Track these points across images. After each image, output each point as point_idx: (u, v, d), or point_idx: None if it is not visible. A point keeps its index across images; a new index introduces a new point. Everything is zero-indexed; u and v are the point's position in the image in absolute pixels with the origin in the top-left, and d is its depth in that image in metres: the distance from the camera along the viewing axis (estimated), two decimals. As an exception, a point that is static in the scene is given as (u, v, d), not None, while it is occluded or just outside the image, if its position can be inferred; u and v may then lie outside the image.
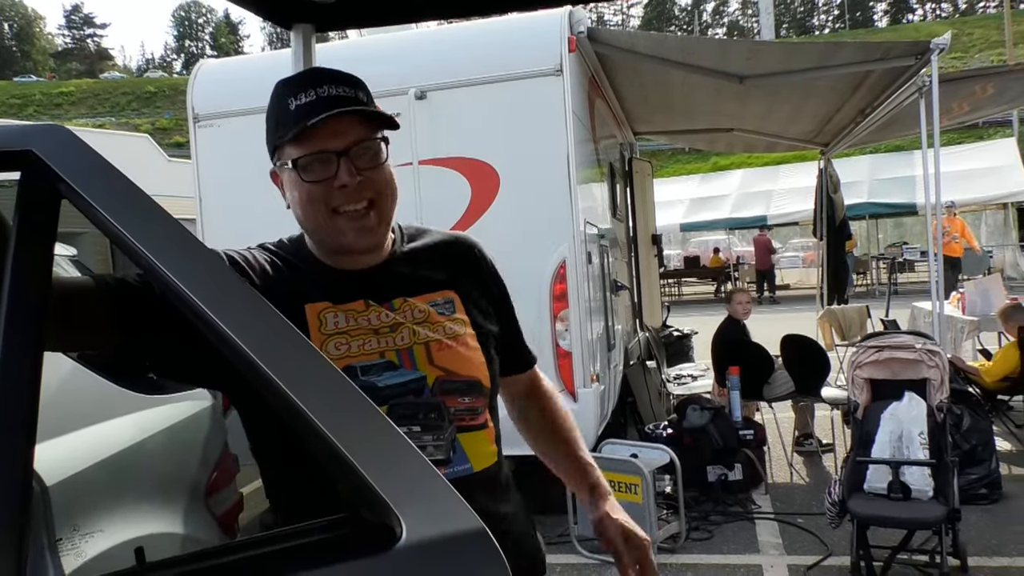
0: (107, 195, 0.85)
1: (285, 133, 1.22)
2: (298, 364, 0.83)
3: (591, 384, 4.59)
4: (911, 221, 22.54)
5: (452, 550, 0.80)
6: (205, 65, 5.38)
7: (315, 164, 1.22)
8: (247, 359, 0.80)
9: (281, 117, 1.24)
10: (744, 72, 5.71)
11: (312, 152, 1.21)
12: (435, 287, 1.33)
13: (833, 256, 9.04)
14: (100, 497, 2.16)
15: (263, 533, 0.83)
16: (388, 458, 0.80)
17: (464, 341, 1.30)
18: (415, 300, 1.29)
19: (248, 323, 0.83)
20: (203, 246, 0.91)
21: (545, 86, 4.57)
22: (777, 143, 8.83)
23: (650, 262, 7.62)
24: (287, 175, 1.25)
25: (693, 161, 32.47)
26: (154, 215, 0.86)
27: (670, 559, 4.25)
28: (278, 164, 1.28)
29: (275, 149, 1.27)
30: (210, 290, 0.83)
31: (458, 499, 0.80)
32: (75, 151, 0.87)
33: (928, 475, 3.74)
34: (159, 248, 0.83)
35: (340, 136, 1.22)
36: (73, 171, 0.85)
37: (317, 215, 1.24)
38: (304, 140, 1.21)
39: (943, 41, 4.90)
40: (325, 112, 1.19)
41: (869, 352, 4.07)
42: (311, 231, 1.29)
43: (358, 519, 0.81)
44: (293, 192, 1.25)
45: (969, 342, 6.62)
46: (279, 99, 1.25)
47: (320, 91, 1.22)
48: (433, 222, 5.33)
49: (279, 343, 0.85)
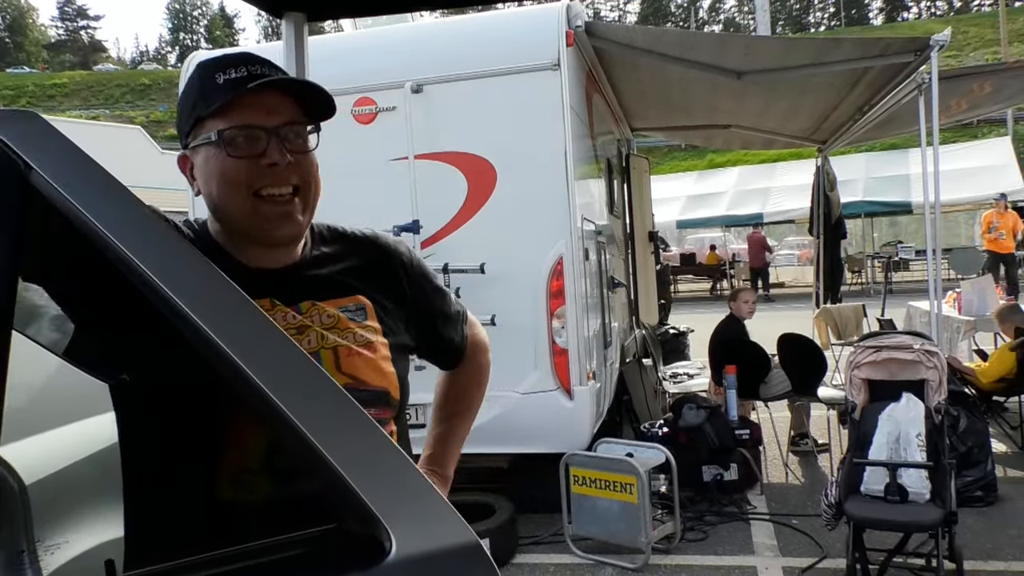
0: (78, 183, 0.79)
1: (210, 104, 1.13)
2: (284, 369, 0.78)
3: (587, 382, 4.54)
4: (906, 220, 22.57)
5: (444, 565, 0.75)
6: (198, 57, 5.32)
7: (241, 139, 1.13)
8: (229, 362, 0.75)
9: (206, 91, 1.14)
10: (742, 68, 5.67)
11: (241, 124, 1.13)
12: (346, 292, 1.25)
13: (829, 254, 9.03)
14: (83, 494, 2.11)
15: (248, 544, 0.78)
16: (378, 469, 0.76)
17: (375, 349, 1.24)
18: (324, 304, 1.22)
19: (234, 328, 0.78)
20: (182, 239, 0.86)
21: (543, 80, 4.51)
22: (774, 140, 8.80)
23: (647, 259, 7.59)
24: (204, 152, 1.15)
25: (689, 158, 32.45)
26: (128, 203, 0.81)
27: (665, 560, 4.22)
28: (194, 142, 1.17)
29: (192, 127, 1.17)
30: (190, 286, 0.78)
31: (452, 512, 0.76)
32: (44, 138, 0.82)
33: (925, 477, 3.71)
34: (135, 240, 0.78)
35: (273, 113, 1.14)
36: (42, 158, 0.80)
37: (237, 196, 1.14)
38: (233, 111, 1.13)
39: (943, 38, 4.86)
40: (254, 82, 1.12)
41: (867, 352, 4.04)
42: (226, 216, 1.18)
43: (346, 532, 0.77)
44: (210, 170, 1.15)
45: (965, 342, 6.60)
46: (204, 75, 1.16)
47: (252, 69, 1.15)
48: (428, 217, 5.28)
49: (264, 347, 0.80)
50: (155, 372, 1.08)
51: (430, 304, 1.41)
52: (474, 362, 1.54)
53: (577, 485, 4.32)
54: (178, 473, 1.12)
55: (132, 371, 1.13)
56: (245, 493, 1.10)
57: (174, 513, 1.12)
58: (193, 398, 1.07)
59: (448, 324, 1.46)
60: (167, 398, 1.09)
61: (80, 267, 1.00)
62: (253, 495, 1.10)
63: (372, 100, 4.74)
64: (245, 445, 1.10)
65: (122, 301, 0.97)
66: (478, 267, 4.43)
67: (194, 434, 1.10)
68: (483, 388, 1.58)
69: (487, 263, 4.45)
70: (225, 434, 1.10)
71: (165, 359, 1.01)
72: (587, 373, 4.57)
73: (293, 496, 1.07)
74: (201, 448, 1.10)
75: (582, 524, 4.34)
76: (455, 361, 1.52)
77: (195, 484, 1.11)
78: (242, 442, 1.10)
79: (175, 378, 1.04)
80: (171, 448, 1.11)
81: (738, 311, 6.06)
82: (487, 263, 4.45)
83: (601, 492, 4.23)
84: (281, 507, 1.09)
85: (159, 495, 1.14)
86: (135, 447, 1.17)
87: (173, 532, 1.11)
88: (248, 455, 1.10)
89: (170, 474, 1.12)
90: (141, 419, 1.15)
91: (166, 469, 1.12)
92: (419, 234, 4.61)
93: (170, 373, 1.03)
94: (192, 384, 1.04)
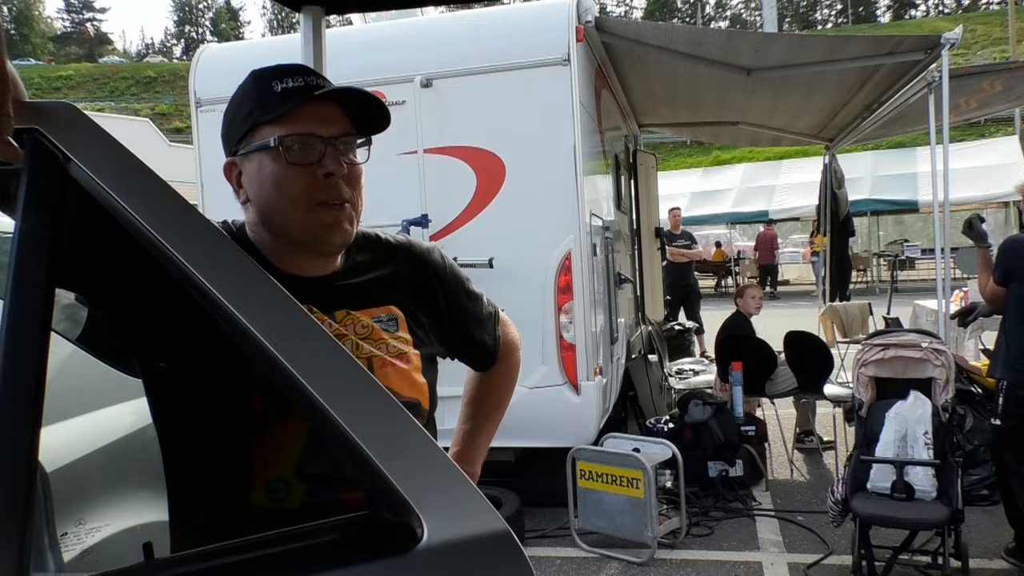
0: (114, 174, 0.81)
1: (269, 111, 1.14)
2: (319, 359, 0.79)
3: (594, 377, 4.56)
4: (912, 218, 22.50)
5: (475, 552, 0.76)
6: (208, 50, 5.33)
7: (299, 147, 1.14)
8: (264, 352, 0.76)
9: (264, 98, 1.15)
10: (751, 64, 5.66)
11: (300, 133, 1.14)
12: (379, 302, 1.26)
13: (836, 252, 9.01)
14: (100, 484, 2.13)
15: (283, 530, 0.80)
16: (410, 457, 0.77)
17: (408, 359, 1.25)
18: (358, 314, 1.23)
19: (267, 316, 0.80)
20: (219, 232, 0.87)
21: (552, 76, 4.52)
22: (782, 137, 8.78)
23: (653, 255, 7.59)
24: (258, 158, 1.15)
25: (695, 155, 32.39)
26: (166, 197, 0.82)
27: (670, 555, 4.23)
28: (246, 148, 1.17)
29: (246, 133, 1.17)
30: (227, 279, 0.79)
31: (483, 500, 0.77)
32: (82, 129, 0.83)
33: (932, 475, 3.72)
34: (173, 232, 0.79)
35: (330, 124, 1.16)
36: (80, 150, 0.81)
37: (292, 203, 1.15)
38: (291, 120, 1.14)
39: (954, 36, 4.85)
40: (316, 92, 1.14)
41: (875, 350, 4.04)
42: (277, 222, 1.18)
43: (378, 519, 0.78)
44: (265, 175, 1.15)
45: (972, 341, 6.59)
46: (260, 83, 1.17)
47: (308, 79, 1.17)
48: (437, 211, 5.29)
49: (295, 335, 0.81)
50: (193, 360, 1.10)
51: (464, 311, 1.42)
52: (506, 362, 1.54)
53: (583, 479, 4.33)
54: (217, 460, 1.14)
55: (169, 360, 1.14)
56: (282, 483, 1.13)
57: (216, 497, 1.15)
58: (229, 386, 1.09)
59: (481, 328, 1.46)
60: (204, 385, 1.10)
61: (119, 258, 1.01)
62: (289, 486, 1.13)
63: (382, 94, 4.73)
64: (281, 435, 1.12)
65: (159, 293, 0.99)
66: (487, 262, 4.44)
67: (230, 423, 1.12)
68: (513, 386, 1.59)
69: (496, 258, 4.46)
70: (261, 424, 1.12)
71: (203, 348, 1.02)
72: (594, 368, 4.59)
73: (329, 487, 1.10)
74: (238, 437, 1.12)
75: (588, 518, 4.35)
76: (488, 363, 1.52)
77: (233, 473, 1.13)
78: (278, 432, 1.12)
79: (212, 366, 1.05)
80: (210, 435, 1.13)
81: (745, 307, 6.07)
82: (496, 258, 4.46)
83: (607, 487, 4.25)
84: (317, 497, 1.12)
85: (200, 481, 1.16)
86: (173, 433, 1.18)
87: (216, 516, 1.14)
88: (285, 446, 1.12)
89: (210, 460, 1.15)
90: (177, 405, 1.16)
91: (206, 455, 1.15)
92: (428, 228, 4.63)
93: (207, 361, 1.05)
94: (228, 372, 1.06)
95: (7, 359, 0.75)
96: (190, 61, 5.36)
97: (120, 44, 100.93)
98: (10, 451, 0.73)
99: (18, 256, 0.78)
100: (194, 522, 1.18)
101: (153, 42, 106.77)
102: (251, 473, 1.12)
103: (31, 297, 0.78)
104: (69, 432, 2.14)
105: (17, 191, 0.81)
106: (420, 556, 0.74)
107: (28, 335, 0.77)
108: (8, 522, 0.70)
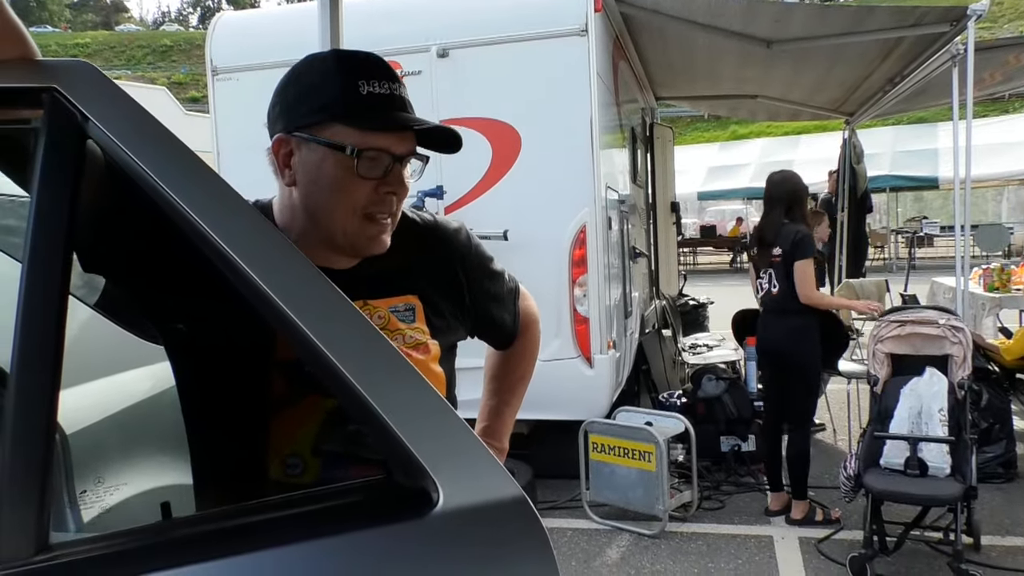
0: (134, 135, 0.80)
1: (352, 117, 1.13)
2: (337, 325, 0.79)
3: (608, 351, 4.55)
4: (931, 195, 22.20)
5: (490, 517, 0.77)
6: (224, 17, 5.30)
7: (372, 161, 1.14)
8: (282, 315, 0.76)
9: (349, 97, 1.13)
10: (772, 36, 5.57)
11: (377, 147, 1.14)
12: (398, 291, 1.26)
13: (853, 228, 8.92)
14: (118, 447, 2.16)
15: (300, 492, 0.80)
16: (427, 423, 0.77)
17: (425, 350, 1.25)
18: (376, 303, 1.23)
19: (283, 280, 0.79)
20: (238, 196, 0.86)
21: (570, 46, 4.46)
22: (801, 111, 8.66)
23: (668, 230, 7.54)
24: (323, 153, 1.13)
25: (712, 129, 32.04)
26: (185, 158, 0.82)
27: (681, 528, 4.26)
28: (313, 137, 1.14)
29: (317, 122, 1.14)
30: (248, 243, 0.79)
31: (498, 466, 0.77)
32: (101, 89, 0.83)
33: (946, 452, 3.70)
34: (192, 194, 0.79)
35: (404, 142, 1.17)
36: (99, 109, 0.80)
37: (347, 211, 1.15)
38: (371, 134, 1.14)
39: (981, 7, 4.74)
40: (404, 115, 1.16)
41: (891, 327, 4.01)
42: (323, 221, 1.17)
43: (394, 483, 0.78)
44: (327, 175, 1.14)
45: (990, 319, 6.53)
46: (345, 77, 1.14)
47: (393, 87, 1.16)
48: (453, 184, 5.25)
49: (314, 300, 0.81)
50: (210, 323, 1.11)
51: (485, 293, 1.41)
52: (526, 336, 1.54)
53: (596, 452, 4.35)
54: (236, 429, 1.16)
55: (187, 322, 1.15)
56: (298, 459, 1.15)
57: (235, 465, 1.16)
58: (246, 354, 1.09)
59: (501, 307, 1.46)
60: (223, 349, 1.11)
61: (138, 219, 1.01)
62: (304, 462, 1.14)
63: (397, 64, 4.70)
64: (298, 412, 1.14)
65: (177, 254, 0.99)
66: (501, 234, 4.42)
67: (247, 393, 1.13)
68: (535, 359, 1.59)
69: (510, 230, 4.44)
70: (279, 401, 1.13)
71: (222, 310, 1.03)
72: (608, 342, 4.58)
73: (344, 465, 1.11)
74: (256, 408, 1.13)
75: (600, 490, 4.38)
76: (509, 341, 1.52)
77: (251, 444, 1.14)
78: (295, 409, 1.14)
79: (230, 328, 1.06)
80: (229, 403, 1.15)
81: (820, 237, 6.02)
82: (510, 230, 4.44)
83: (619, 459, 4.27)
84: (332, 474, 1.13)
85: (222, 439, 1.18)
86: (194, 393, 1.20)
87: (237, 475, 1.15)
88: (303, 423, 1.14)
89: (229, 428, 1.16)
90: (196, 368, 1.18)
91: (225, 423, 1.16)
92: (443, 199, 4.61)
93: (225, 323, 1.06)
94: (246, 339, 1.06)
95: (26, 322, 0.75)
96: (206, 30, 5.34)
97: (136, 12, 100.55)
98: (30, 413, 0.74)
99: (36, 218, 0.78)
100: (215, 487, 1.20)
101: (169, 10, 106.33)
102: (267, 448, 1.14)
103: (49, 260, 0.78)
104: (88, 395, 2.17)
105: (35, 150, 0.81)
106: (436, 520, 0.74)
107: (47, 298, 0.77)
108: (28, 482, 0.71)
